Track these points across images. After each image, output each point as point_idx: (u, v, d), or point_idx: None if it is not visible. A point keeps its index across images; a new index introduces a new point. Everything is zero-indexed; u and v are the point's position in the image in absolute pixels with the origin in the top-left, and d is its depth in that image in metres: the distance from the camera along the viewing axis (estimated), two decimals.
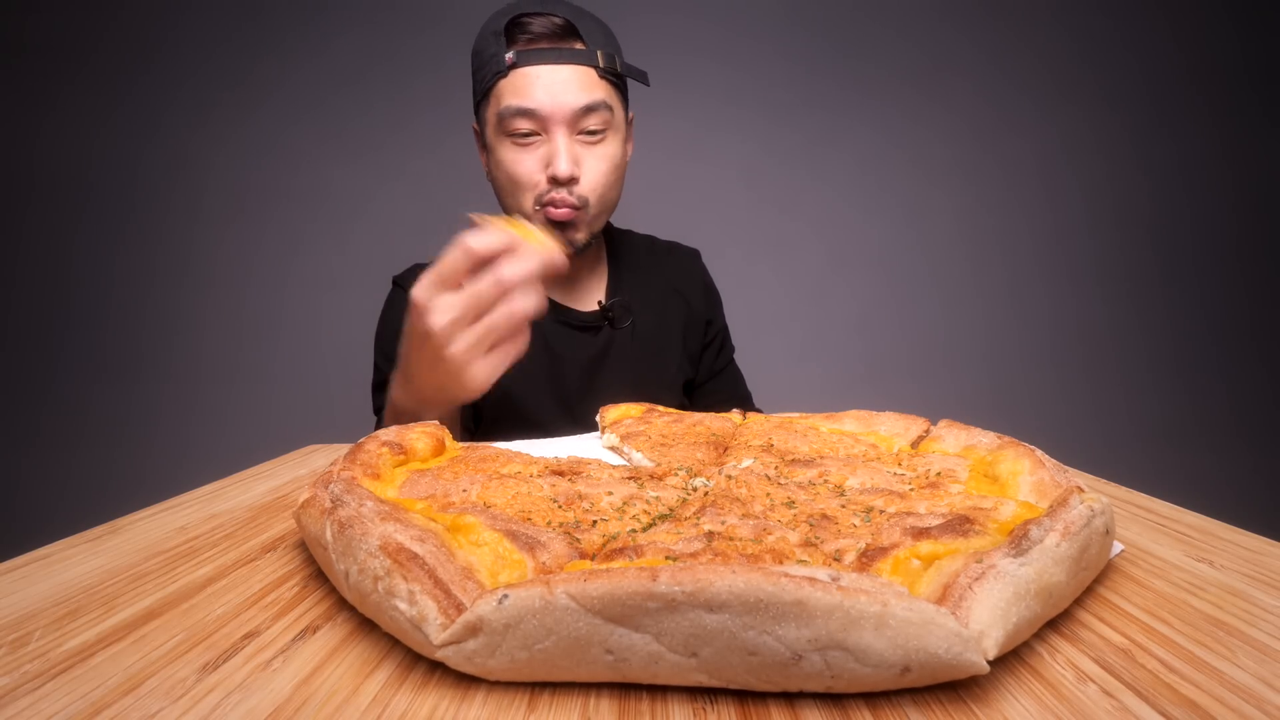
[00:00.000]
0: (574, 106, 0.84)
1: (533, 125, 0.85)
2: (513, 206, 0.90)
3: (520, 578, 0.33)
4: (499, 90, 0.85)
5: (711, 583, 0.26)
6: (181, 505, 0.53)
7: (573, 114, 0.84)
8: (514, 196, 0.89)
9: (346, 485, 0.39)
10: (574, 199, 0.87)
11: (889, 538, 0.35)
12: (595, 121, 0.86)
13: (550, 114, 0.84)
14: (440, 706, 0.27)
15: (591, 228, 0.92)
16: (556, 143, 0.85)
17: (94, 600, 0.36)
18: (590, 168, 0.88)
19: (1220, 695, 0.27)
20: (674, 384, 1.05)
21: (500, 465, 0.51)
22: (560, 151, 0.84)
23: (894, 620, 0.26)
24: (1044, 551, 0.31)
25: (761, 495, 0.44)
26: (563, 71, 0.84)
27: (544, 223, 0.88)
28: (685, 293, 1.08)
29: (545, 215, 0.87)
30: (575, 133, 0.86)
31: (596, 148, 0.88)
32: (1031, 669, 0.30)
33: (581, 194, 0.87)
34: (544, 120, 0.84)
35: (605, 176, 0.89)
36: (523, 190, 0.87)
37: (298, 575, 0.40)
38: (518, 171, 0.87)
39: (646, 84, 0.93)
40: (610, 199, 0.93)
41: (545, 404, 0.95)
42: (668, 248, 1.13)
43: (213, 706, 0.27)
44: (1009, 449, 0.49)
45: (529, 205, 0.88)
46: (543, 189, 0.86)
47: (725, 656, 0.27)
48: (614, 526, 0.39)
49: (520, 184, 0.87)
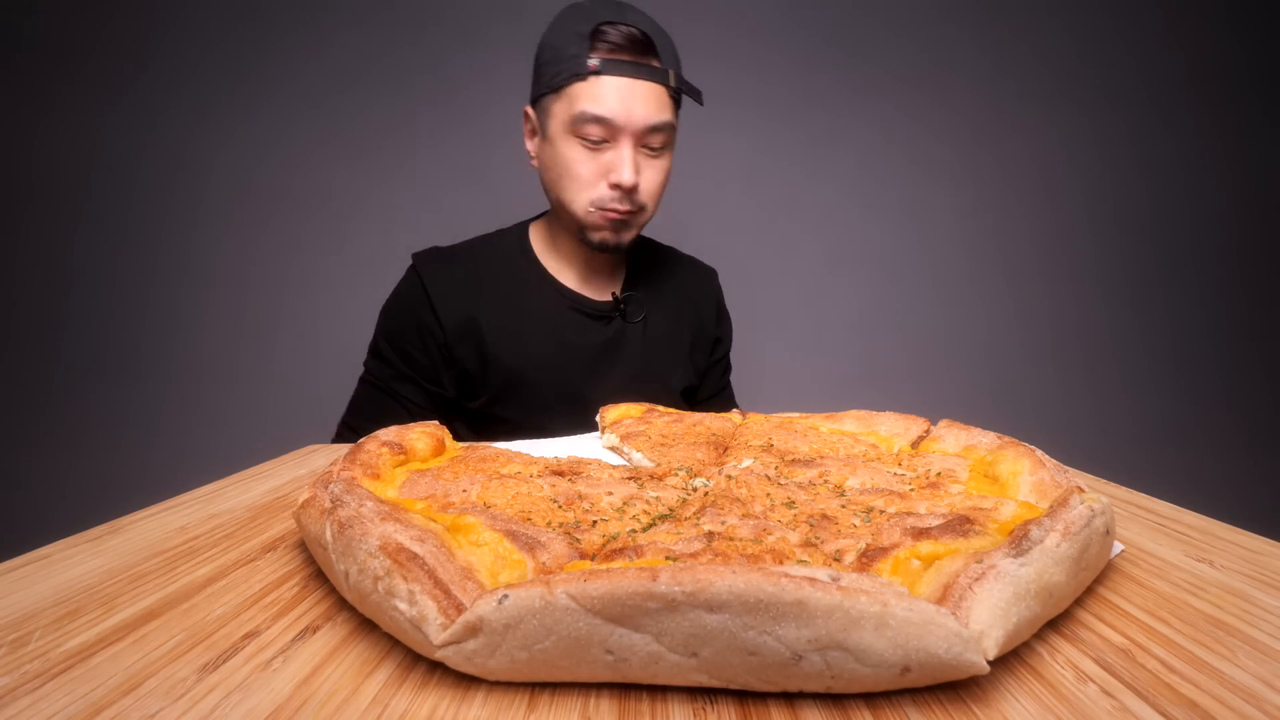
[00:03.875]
0: (646, 123, 0.89)
1: (603, 133, 0.88)
2: (563, 198, 0.94)
3: (520, 578, 0.33)
4: (575, 91, 0.88)
5: (711, 583, 0.26)
6: (181, 505, 0.53)
7: (643, 129, 0.89)
8: (568, 191, 0.93)
9: (346, 485, 0.39)
10: (631, 205, 0.92)
11: (889, 538, 0.35)
12: (659, 139, 0.91)
13: (624, 126, 0.88)
14: (440, 706, 0.27)
15: (638, 230, 0.98)
16: (623, 153, 0.89)
17: (94, 600, 0.36)
18: (647, 178, 0.93)
19: (1220, 695, 0.27)
20: (675, 388, 1.06)
21: (500, 465, 0.51)
22: (626, 162, 0.89)
23: (894, 620, 0.26)
24: (1044, 552, 0.31)
25: (761, 495, 0.44)
26: (639, 87, 0.88)
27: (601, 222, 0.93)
28: (699, 307, 1.12)
29: (603, 216, 0.92)
30: (639, 145, 0.90)
31: (655, 160, 0.93)
32: (1031, 669, 0.30)
33: (640, 201, 0.93)
34: (615, 130, 0.88)
35: (659, 187, 0.96)
36: (580, 189, 0.92)
37: (298, 575, 0.40)
38: (580, 171, 0.91)
39: (700, 103, 0.96)
40: (657, 206, 0.98)
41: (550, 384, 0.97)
42: (688, 261, 1.17)
43: (213, 706, 0.27)
44: (1009, 449, 0.49)
45: (582, 203, 0.92)
46: (601, 194, 0.91)
47: (725, 656, 0.27)
48: (614, 526, 0.39)
49: (581, 182, 0.92)
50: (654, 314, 1.05)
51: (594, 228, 0.94)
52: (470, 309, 0.97)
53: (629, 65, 0.87)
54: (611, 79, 0.87)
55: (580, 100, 0.87)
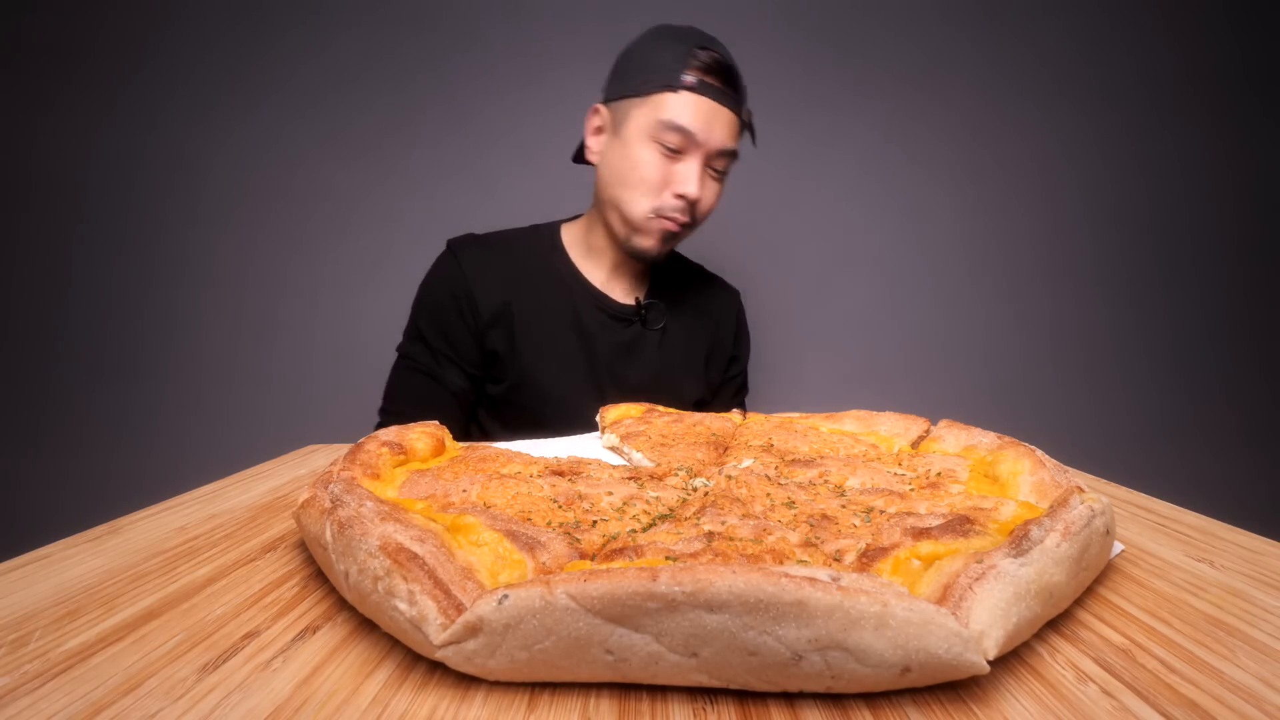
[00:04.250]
0: (720, 145, 0.95)
1: (681, 143, 0.94)
2: (622, 196, 0.98)
3: (520, 578, 0.33)
4: (663, 100, 0.93)
5: (712, 583, 0.26)
6: (181, 505, 0.53)
7: (717, 150, 0.95)
8: (632, 191, 0.97)
9: (346, 485, 0.39)
10: (687, 217, 0.98)
11: (889, 538, 0.35)
12: (723, 164, 0.98)
13: (702, 142, 0.94)
14: (440, 706, 0.27)
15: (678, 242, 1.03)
16: (693, 166, 0.95)
17: (94, 600, 0.36)
18: (706, 197, 0.99)
19: (1220, 695, 0.27)
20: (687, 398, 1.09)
21: (500, 465, 0.51)
22: (695, 176, 0.95)
23: (894, 620, 0.26)
24: (1044, 552, 0.31)
25: (761, 495, 0.44)
26: (721, 111, 0.94)
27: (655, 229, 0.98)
28: (718, 324, 1.16)
29: (660, 225, 0.98)
30: (707, 164, 0.96)
31: (714, 183, 1.00)
32: (1031, 669, 0.30)
33: (695, 216, 0.99)
34: (693, 144, 0.94)
35: (712, 208, 1.02)
36: (645, 192, 0.96)
37: (298, 575, 0.40)
38: (649, 175, 0.95)
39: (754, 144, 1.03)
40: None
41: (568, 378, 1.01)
42: (712, 279, 1.21)
43: (213, 706, 0.27)
44: (1009, 449, 0.49)
45: (643, 207, 0.97)
46: (665, 202, 0.96)
47: (725, 656, 0.26)
48: (614, 526, 0.39)
49: (648, 186, 0.96)
50: (673, 324, 1.09)
51: (645, 233, 0.98)
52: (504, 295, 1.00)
53: (716, 89, 0.94)
54: (700, 97, 0.93)
55: (666, 109, 0.93)
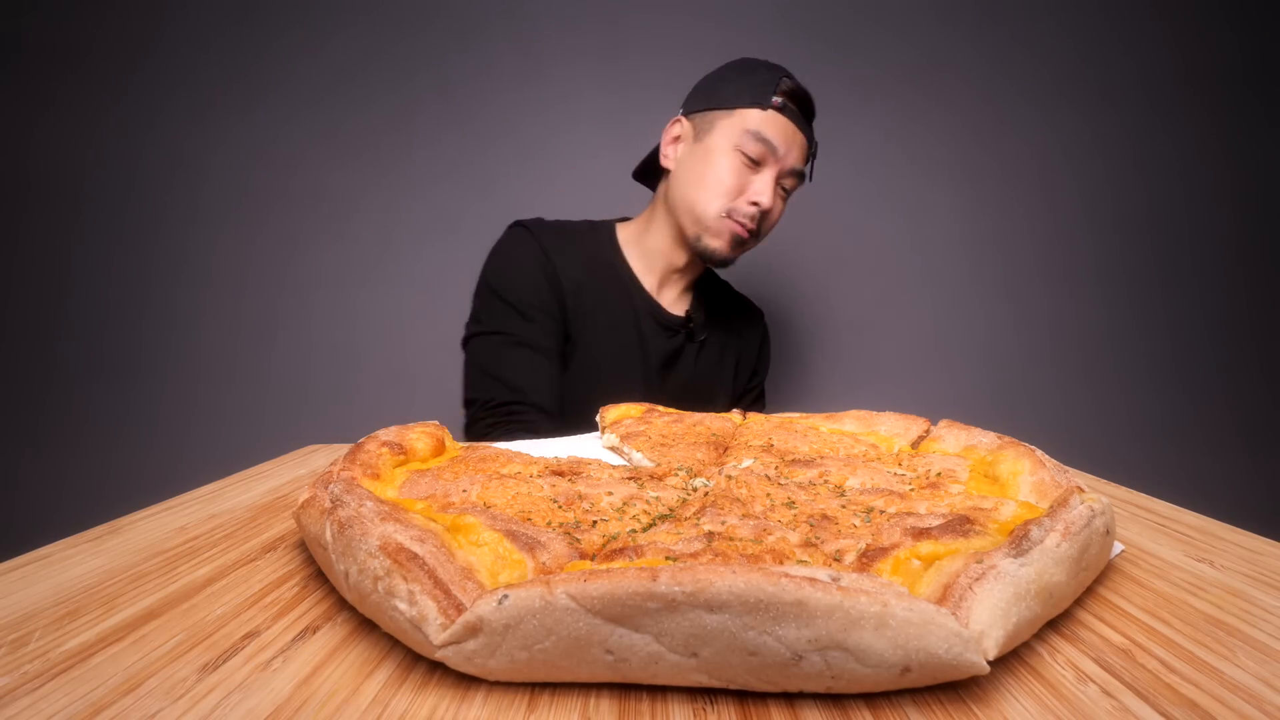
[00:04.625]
0: (795, 165, 1.04)
1: (762, 154, 1.01)
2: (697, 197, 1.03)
3: (520, 578, 0.33)
4: (751, 115, 1.01)
5: (712, 583, 0.26)
6: (181, 505, 0.53)
7: (790, 169, 1.04)
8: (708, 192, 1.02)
9: (346, 485, 0.39)
10: (755, 225, 1.04)
11: (889, 538, 0.35)
12: (791, 183, 1.06)
13: (781, 157, 1.02)
14: (440, 706, 0.27)
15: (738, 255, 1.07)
16: (768, 178, 1.02)
17: (94, 600, 0.36)
18: (773, 211, 1.05)
19: (1220, 695, 0.27)
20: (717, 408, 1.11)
21: (500, 465, 0.51)
22: (769, 186, 1.02)
23: (894, 620, 0.26)
24: (1044, 552, 0.31)
25: (761, 495, 0.44)
26: (799, 136, 1.04)
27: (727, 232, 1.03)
28: (744, 342, 1.22)
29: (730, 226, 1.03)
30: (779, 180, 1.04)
31: (780, 200, 1.07)
32: (1031, 669, 0.30)
33: (763, 227, 1.05)
34: (772, 157, 1.01)
35: (774, 223, 1.08)
36: (721, 194, 1.02)
37: (298, 575, 0.40)
38: (730, 182, 1.02)
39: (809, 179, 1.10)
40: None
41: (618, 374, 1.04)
42: (742, 300, 1.28)
43: (213, 706, 0.27)
44: (1009, 449, 0.49)
45: (717, 208, 1.02)
46: (739, 206, 1.02)
47: (725, 656, 0.26)
48: (614, 527, 0.39)
49: (725, 189, 1.02)
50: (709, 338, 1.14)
51: (715, 234, 1.03)
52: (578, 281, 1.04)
53: (797, 114, 1.03)
54: (784, 117, 1.02)
55: (754, 122, 1.00)
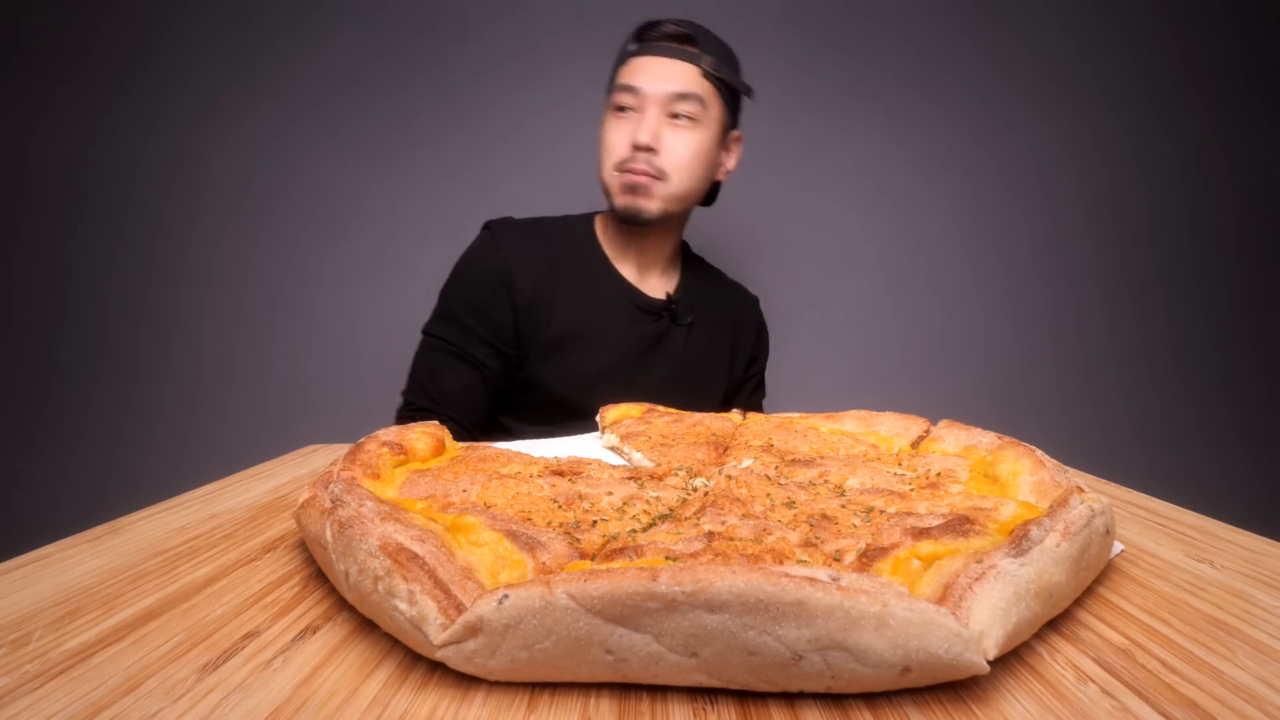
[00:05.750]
0: (668, 90, 0.96)
1: (632, 102, 0.97)
2: (600, 172, 1.02)
3: (520, 578, 0.33)
4: (618, 74, 0.99)
5: (712, 583, 0.26)
6: (181, 505, 0.53)
7: (666, 96, 0.96)
8: (602, 161, 1.01)
9: (346, 485, 0.39)
10: (652, 168, 0.97)
11: (889, 538, 0.35)
12: (686, 108, 0.97)
13: (648, 93, 0.96)
14: (440, 706, 0.27)
15: (666, 204, 0.99)
16: (645, 116, 0.96)
17: (94, 600, 0.36)
18: (673, 146, 0.97)
19: (1220, 695, 0.27)
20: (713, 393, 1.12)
21: (500, 465, 0.51)
22: (646, 122, 0.95)
23: (894, 620, 0.26)
24: (1044, 552, 0.31)
25: (761, 495, 0.44)
26: (669, 64, 0.97)
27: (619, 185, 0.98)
28: (738, 327, 1.17)
29: (622, 179, 0.98)
30: (667, 114, 0.96)
31: (683, 132, 0.97)
32: (1031, 669, 0.30)
33: (661, 166, 0.97)
34: (641, 98, 0.96)
35: (685, 157, 0.98)
36: (608, 155, 0.99)
37: (298, 575, 0.40)
38: (609, 139, 0.99)
39: (751, 97, 1.04)
40: (689, 183, 1.00)
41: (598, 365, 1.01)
42: (733, 284, 1.22)
43: (213, 706, 0.27)
44: (1009, 449, 0.49)
45: (609, 169, 0.99)
46: (624, 155, 0.97)
47: (725, 656, 0.26)
48: (614, 526, 0.39)
49: (608, 149, 0.99)
50: (698, 321, 1.10)
51: (616, 191, 0.99)
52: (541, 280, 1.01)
53: (662, 47, 0.97)
54: (645, 57, 0.97)
55: (619, 78, 0.98)
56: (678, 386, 1.03)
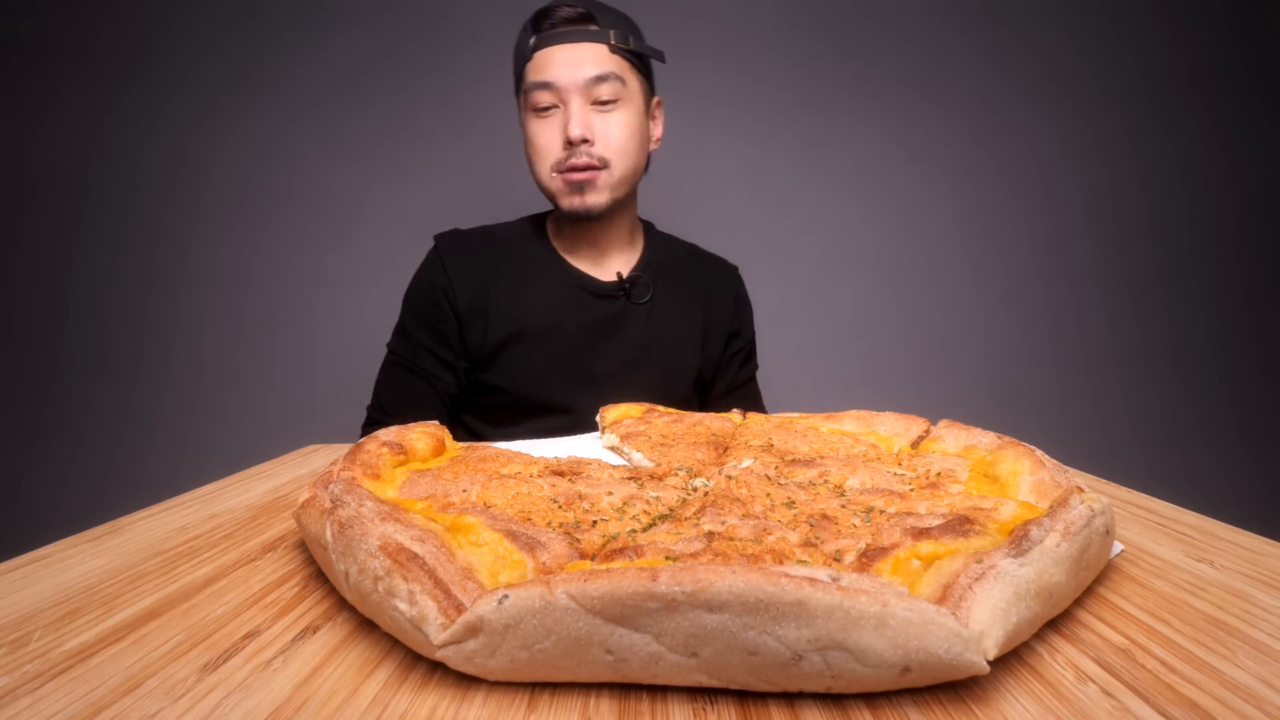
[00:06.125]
0: (585, 76, 0.92)
1: (552, 98, 0.93)
2: (534, 176, 0.98)
3: (520, 578, 0.33)
4: (525, 72, 0.95)
5: (712, 583, 0.26)
6: (181, 505, 0.53)
7: (584, 83, 0.92)
8: (536, 166, 0.97)
9: (346, 485, 0.39)
10: (594, 159, 0.94)
11: (889, 538, 0.35)
12: (607, 91, 0.94)
13: (565, 85, 0.92)
14: (440, 706, 0.27)
15: (614, 191, 0.97)
16: (571, 109, 0.93)
17: (94, 600, 0.36)
18: (604, 132, 0.94)
19: (1220, 695, 0.27)
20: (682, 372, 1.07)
21: (500, 465, 0.51)
22: (573, 115, 0.92)
23: (894, 620, 0.26)
24: (1044, 552, 0.31)
25: (761, 495, 0.44)
26: (577, 49, 0.93)
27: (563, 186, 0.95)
28: (713, 299, 1.12)
29: (564, 179, 0.94)
30: (590, 102, 0.93)
31: (611, 114, 0.95)
32: (1031, 669, 0.30)
33: (600, 155, 0.94)
34: (560, 91, 0.92)
35: (622, 141, 0.95)
36: (542, 158, 0.95)
37: (298, 575, 0.40)
38: (538, 141, 0.95)
39: (663, 60, 1.00)
40: (630, 164, 0.98)
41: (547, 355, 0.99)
42: (707, 256, 1.18)
43: (213, 706, 0.27)
44: (1009, 449, 0.49)
45: (545, 172, 0.96)
46: (560, 156, 0.94)
47: (725, 656, 0.26)
48: (614, 526, 0.39)
49: (540, 152, 0.95)
50: (664, 298, 1.06)
51: (560, 194, 0.96)
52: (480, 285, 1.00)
53: (564, 34, 0.93)
54: (549, 49, 0.93)
55: (529, 76, 0.94)
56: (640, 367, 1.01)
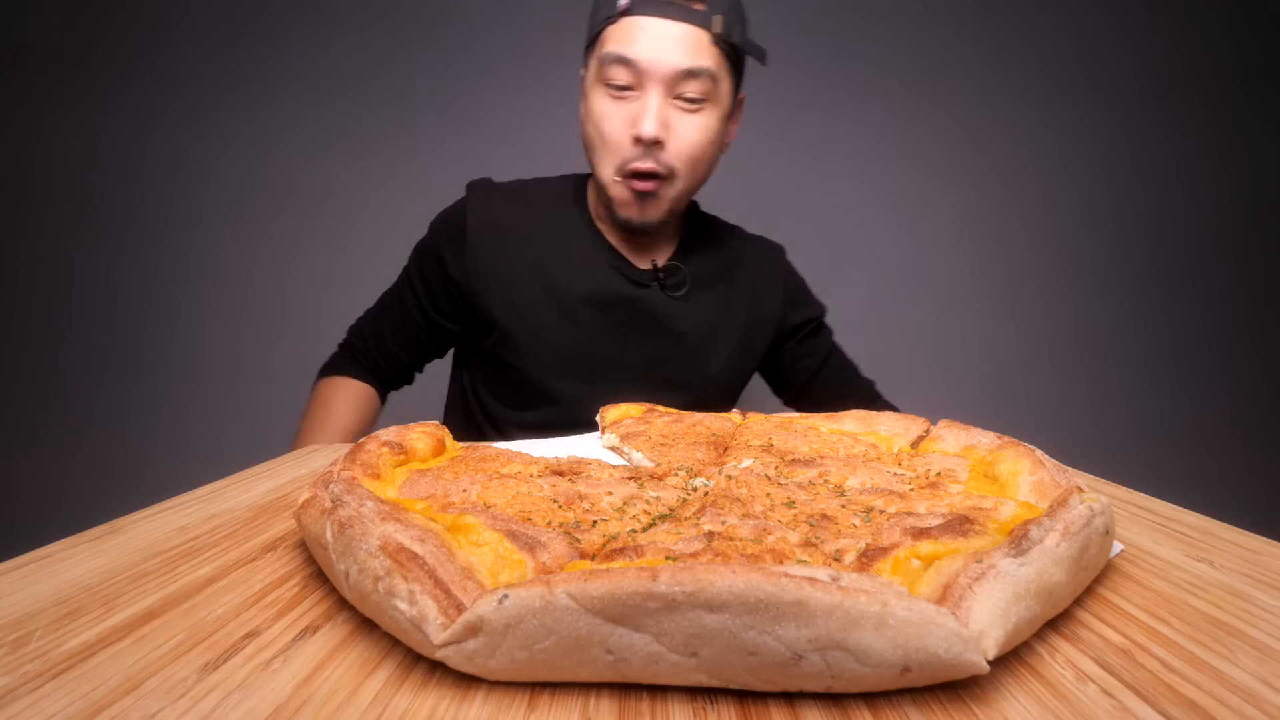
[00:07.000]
0: (675, 67, 0.80)
1: (629, 78, 0.81)
2: (592, 164, 0.88)
3: (520, 578, 0.33)
4: (605, 35, 0.83)
5: (712, 583, 0.26)
6: (182, 505, 0.53)
7: (672, 75, 0.80)
8: (596, 154, 0.86)
9: (347, 485, 0.39)
10: (660, 166, 0.83)
11: (889, 538, 0.35)
12: (695, 89, 0.82)
13: (648, 69, 0.80)
14: (440, 706, 0.27)
15: (674, 205, 0.88)
16: (648, 101, 0.81)
17: (94, 600, 0.36)
18: (681, 135, 0.83)
19: (1220, 695, 0.27)
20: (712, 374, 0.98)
21: (500, 465, 0.51)
22: (649, 110, 0.80)
23: (894, 620, 0.26)
24: (1044, 551, 0.31)
25: (761, 495, 0.44)
26: (673, 28, 0.80)
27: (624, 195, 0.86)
28: (758, 289, 1.01)
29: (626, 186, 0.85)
30: (671, 96, 0.82)
31: (691, 116, 0.83)
32: (1031, 669, 0.30)
33: (668, 162, 0.84)
34: (641, 74, 0.81)
35: (697, 148, 0.84)
36: (608, 150, 0.84)
37: (298, 575, 0.40)
38: (605, 127, 0.84)
39: (763, 62, 0.87)
40: (699, 175, 0.88)
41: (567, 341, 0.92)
42: (751, 239, 1.07)
43: (213, 706, 0.27)
44: (1009, 449, 0.49)
45: (609, 171, 0.85)
46: (628, 154, 0.83)
47: (725, 656, 0.27)
48: (614, 526, 0.39)
49: (606, 141, 0.84)
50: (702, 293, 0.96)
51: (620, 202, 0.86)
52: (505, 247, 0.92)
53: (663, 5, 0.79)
54: (641, 18, 0.80)
55: (609, 42, 0.82)
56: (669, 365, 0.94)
